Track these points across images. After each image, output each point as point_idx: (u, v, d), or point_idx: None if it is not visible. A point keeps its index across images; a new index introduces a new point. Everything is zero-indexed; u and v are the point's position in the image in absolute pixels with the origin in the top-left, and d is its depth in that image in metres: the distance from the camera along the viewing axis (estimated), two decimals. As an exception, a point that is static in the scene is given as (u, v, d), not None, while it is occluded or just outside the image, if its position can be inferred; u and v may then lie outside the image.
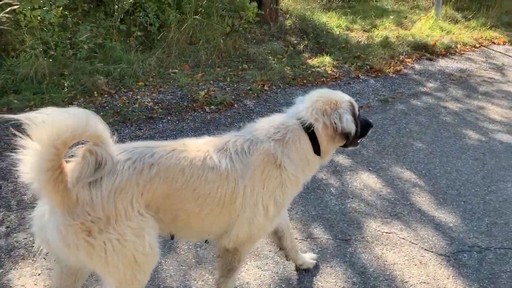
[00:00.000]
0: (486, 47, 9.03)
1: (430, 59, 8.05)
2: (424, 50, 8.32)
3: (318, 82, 6.69)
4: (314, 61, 7.34)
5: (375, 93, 6.47)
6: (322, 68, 7.14)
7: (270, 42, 7.73)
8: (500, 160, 4.78)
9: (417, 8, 11.74)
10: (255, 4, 7.88)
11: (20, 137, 1.88)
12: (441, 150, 4.92)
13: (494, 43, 9.29)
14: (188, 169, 2.17)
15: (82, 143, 2.03)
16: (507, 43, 9.32)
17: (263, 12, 8.00)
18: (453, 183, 4.31)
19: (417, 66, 7.66)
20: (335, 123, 2.44)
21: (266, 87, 6.30)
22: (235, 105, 5.76)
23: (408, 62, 7.78)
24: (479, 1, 11.65)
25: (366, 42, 8.38)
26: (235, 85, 6.29)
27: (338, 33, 8.87)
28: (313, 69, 7.05)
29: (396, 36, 8.71)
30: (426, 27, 9.69)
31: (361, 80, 6.90)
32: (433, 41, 8.50)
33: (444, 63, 7.92)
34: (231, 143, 2.35)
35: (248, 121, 5.51)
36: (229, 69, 6.78)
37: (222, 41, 7.28)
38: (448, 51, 8.48)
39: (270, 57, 7.24)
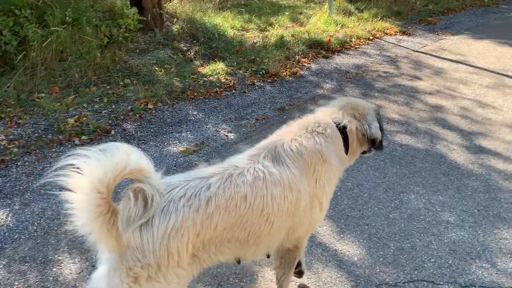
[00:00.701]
0: (380, 39, 8.91)
1: (326, 57, 7.70)
2: (319, 47, 7.96)
3: (211, 93, 6.00)
4: (206, 69, 6.63)
5: (272, 101, 5.92)
6: (215, 76, 6.46)
7: (156, 50, 6.89)
8: (401, 167, 4.43)
9: (312, 2, 11.49)
10: (135, 10, 6.98)
11: (61, 193, 1.77)
12: (341, 162, 4.48)
13: (387, 34, 9.22)
14: (250, 192, 2.05)
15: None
16: (398, 33, 9.29)
17: (145, 18, 7.11)
18: (355, 202, 3.86)
19: (313, 66, 7.26)
20: (364, 129, 2.51)
21: (150, 105, 5.48)
22: (112, 132, 4.89)
23: (305, 62, 7.36)
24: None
25: (261, 43, 7.84)
26: (114, 106, 5.39)
27: (232, 35, 8.25)
28: (205, 79, 6.35)
29: (292, 35, 8.27)
30: (321, 22, 9.38)
31: (257, 87, 6.33)
32: (328, 37, 8.17)
33: (340, 60, 7.61)
34: (280, 147, 2.27)
35: (128, 151, 4.74)
36: (108, 87, 5.85)
37: (99, 54, 6.31)
38: (344, 47, 8.20)
39: (156, 68, 6.42)
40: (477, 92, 6.33)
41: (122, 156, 1.77)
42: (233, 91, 6.15)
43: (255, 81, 6.48)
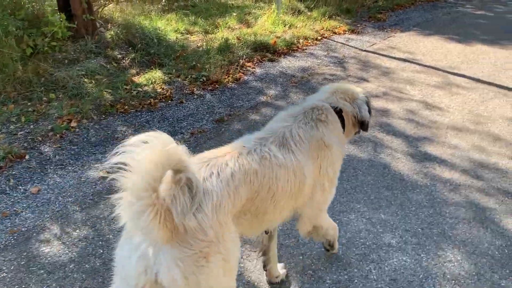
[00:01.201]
0: (328, 39, 8.58)
1: (272, 60, 7.29)
2: (265, 50, 7.54)
3: (144, 105, 5.49)
4: (141, 79, 6.09)
5: (211, 111, 5.46)
6: (151, 86, 5.94)
7: (88, 60, 6.30)
8: (342, 181, 4.07)
9: (261, 1, 11.06)
10: (63, 16, 6.35)
11: (114, 196, 1.72)
12: (279, 180, 4.08)
13: (336, 33, 8.90)
14: (260, 170, 2.17)
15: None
16: (347, 32, 8.99)
17: (74, 25, 6.50)
18: (290, 227, 3.45)
19: (258, 70, 6.84)
20: (355, 111, 2.68)
21: (74, 123, 4.92)
22: (27, 156, 4.32)
23: (249, 66, 6.93)
24: (319, -11, 11.31)
25: (204, 48, 7.35)
26: (32, 126, 4.80)
27: (175, 39, 7.73)
28: (140, 89, 5.82)
29: (237, 37, 7.82)
30: (268, 23, 8.98)
31: (195, 96, 5.85)
32: (273, 39, 7.76)
33: (286, 63, 7.22)
34: (288, 134, 2.41)
35: (42, 179, 4.19)
36: (29, 103, 5.24)
37: (20, 67, 5.68)
38: (291, 48, 7.81)
39: (85, 80, 5.83)
40: (424, 92, 6.08)
41: (167, 147, 1.71)
42: (169, 101, 5.66)
43: (195, 90, 6.00)
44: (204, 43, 7.50)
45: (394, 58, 7.51)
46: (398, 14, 10.71)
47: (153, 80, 6.06)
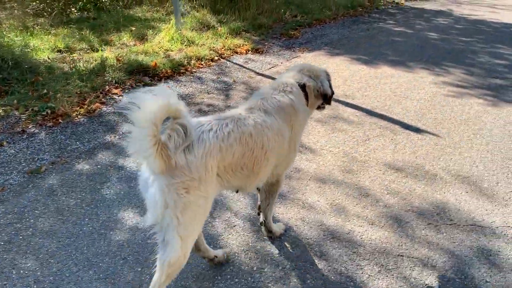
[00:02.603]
0: (227, 59, 7.51)
1: (149, 85, 6.15)
2: (143, 73, 6.40)
3: (-51, 150, 4.24)
4: (-33, 113, 4.84)
5: (32, 158, 4.27)
6: (-26, 123, 4.70)
7: None
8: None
9: (172, 14, 9.91)
10: None
11: (124, 125, 2.08)
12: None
13: (237, 53, 7.85)
14: (254, 132, 2.50)
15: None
16: (250, 52, 7.95)
17: None
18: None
19: (125, 99, 5.68)
20: (318, 86, 3.03)
21: None
22: None
23: (116, 93, 5.77)
24: (235, 1, 10.25)
25: (72, 70, 6.15)
26: None
27: (47, 59, 6.50)
28: (-42, 127, 4.58)
29: (117, 58, 6.64)
30: (166, 39, 7.86)
31: (25, 136, 4.63)
32: (154, 61, 6.62)
33: (163, 89, 6.10)
34: (268, 104, 2.72)
35: None
36: None
37: None
38: (177, 71, 6.70)
39: None
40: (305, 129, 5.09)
41: (168, 98, 2.06)
42: (-14, 145, 4.44)
43: (29, 127, 4.79)
44: (70, 65, 6.28)
45: (289, 83, 6.52)
46: (315, 31, 9.79)
47: (-19, 114, 4.82)
